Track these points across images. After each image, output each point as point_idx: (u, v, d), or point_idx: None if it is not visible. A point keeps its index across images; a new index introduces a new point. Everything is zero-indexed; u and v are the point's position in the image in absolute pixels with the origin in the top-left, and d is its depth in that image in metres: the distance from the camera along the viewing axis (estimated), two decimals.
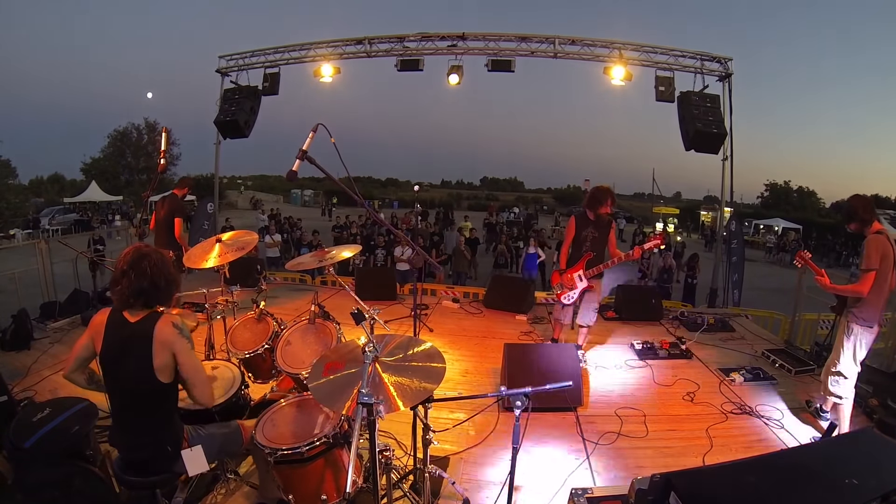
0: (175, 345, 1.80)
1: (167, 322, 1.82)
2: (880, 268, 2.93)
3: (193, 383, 1.88)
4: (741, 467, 1.57)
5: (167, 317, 1.84)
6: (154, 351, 1.77)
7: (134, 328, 1.80)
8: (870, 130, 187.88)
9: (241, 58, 8.59)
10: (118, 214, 25.30)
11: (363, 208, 2.41)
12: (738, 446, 3.15)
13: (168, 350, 1.79)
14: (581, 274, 4.19)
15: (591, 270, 4.16)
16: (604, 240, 4.21)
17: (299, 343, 2.80)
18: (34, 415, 2.41)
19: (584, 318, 4.35)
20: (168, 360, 1.80)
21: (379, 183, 64.11)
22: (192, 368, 1.87)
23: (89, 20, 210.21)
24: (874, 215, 3.06)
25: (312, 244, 10.52)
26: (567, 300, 4.28)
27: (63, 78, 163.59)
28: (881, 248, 2.94)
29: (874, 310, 3.03)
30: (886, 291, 3.03)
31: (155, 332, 1.78)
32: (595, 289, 4.26)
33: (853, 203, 3.13)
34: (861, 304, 3.03)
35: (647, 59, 7.51)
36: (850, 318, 3.08)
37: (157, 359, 1.78)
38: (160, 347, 1.78)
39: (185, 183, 5.65)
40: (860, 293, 2.98)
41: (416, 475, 2.43)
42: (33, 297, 5.37)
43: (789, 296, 6.38)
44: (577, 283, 4.21)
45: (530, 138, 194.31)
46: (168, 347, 1.79)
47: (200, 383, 1.90)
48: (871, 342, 3.10)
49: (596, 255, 4.17)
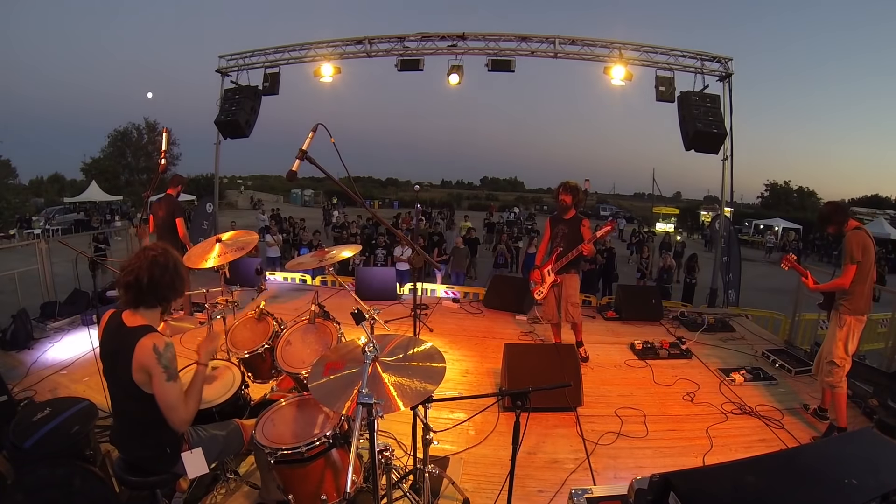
0: (150, 370, 1.74)
1: (148, 345, 1.74)
2: (862, 260, 3.13)
3: (165, 409, 1.79)
4: (741, 467, 1.57)
5: (151, 337, 1.76)
6: (132, 367, 1.73)
7: (124, 335, 1.77)
8: (870, 130, 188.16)
9: (241, 58, 8.58)
10: (117, 215, 25.26)
11: (363, 208, 2.41)
12: (738, 446, 3.16)
13: (144, 372, 1.74)
14: (550, 268, 4.38)
15: (556, 264, 4.33)
16: (575, 236, 4.29)
17: (299, 343, 2.79)
18: (34, 415, 2.42)
19: (565, 315, 4.43)
20: (145, 380, 1.75)
21: (379, 183, 64.18)
22: (161, 398, 1.77)
23: (90, 20, 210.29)
24: (848, 215, 3.32)
25: (312, 244, 10.52)
26: (538, 296, 4.50)
27: (63, 78, 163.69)
28: (861, 242, 3.14)
29: (862, 300, 3.21)
30: (870, 281, 3.24)
31: (135, 350, 1.73)
32: (565, 282, 4.37)
33: (825, 209, 3.43)
34: (849, 296, 3.21)
35: (647, 59, 7.50)
36: (842, 310, 3.25)
37: (136, 375, 1.74)
38: (137, 366, 1.73)
39: (177, 181, 5.45)
40: (843, 286, 3.19)
41: (416, 475, 2.43)
42: (33, 297, 5.37)
43: (789, 296, 6.38)
44: (546, 277, 4.40)
45: (530, 138, 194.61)
46: (144, 370, 1.74)
47: (171, 413, 1.79)
48: (861, 331, 3.27)
49: (564, 250, 4.31)
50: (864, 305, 3.21)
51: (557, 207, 4.51)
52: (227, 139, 8.52)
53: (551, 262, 4.38)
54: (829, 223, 3.34)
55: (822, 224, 3.42)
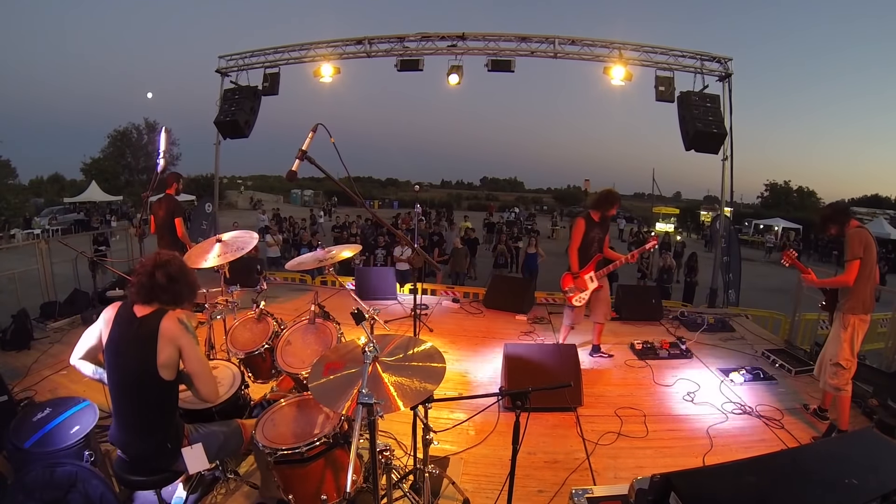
0: (181, 339, 1.83)
1: (173, 318, 1.84)
2: (864, 257, 3.07)
3: (199, 377, 1.91)
4: (741, 467, 1.57)
5: (173, 313, 1.87)
6: (159, 346, 1.79)
7: (141, 322, 1.83)
8: (871, 130, 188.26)
9: (241, 58, 8.58)
10: (114, 215, 25.25)
11: (363, 208, 2.41)
12: (738, 446, 3.15)
13: (173, 345, 1.82)
14: (592, 275, 4.30)
15: (602, 271, 4.30)
16: (604, 240, 4.38)
17: (299, 343, 2.79)
18: (34, 415, 2.42)
19: (601, 317, 4.46)
20: (173, 356, 1.82)
21: (379, 183, 64.18)
22: (199, 362, 1.90)
23: (89, 20, 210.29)
24: (849, 216, 3.26)
25: (312, 245, 10.53)
26: (578, 302, 4.33)
27: (63, 78, 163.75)
28: (863, 239, 3.10)
29: (866, 300, 3.15)
30: (873, 280, 3.18)
31: (161, 328, 1.80)
32: (604, 287, 4.40)
33: (826, 211, 3.39)
34: (853, 295, 3.14)
35: (646, 59, 7.50)
36: (845, 311, 3.18)
37: (162, 354, 1.79)
38: (165, 342, 1.80)
39: (173, 179, 5.35)
40: (847, 283, 3.11)
41: (416, 475, 2.42)
42: (33, 297, 5.37)
43: (789, 296, 6.39)
44: (589, 284, 4.30)
45: (530, 138, 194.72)
46: (174, 342, 1.82)
47: (206, 378, 1.93)
48: (865, 332, 3.22)
49: (603, 257, 4.31)
50: (867, 305, 3.15)
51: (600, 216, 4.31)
52: (226, 139, 8.52)
53: (592, 268, 4.28)
54: (832, 224, 3.28)
55: (824, 225, 3.33)
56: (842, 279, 3.14)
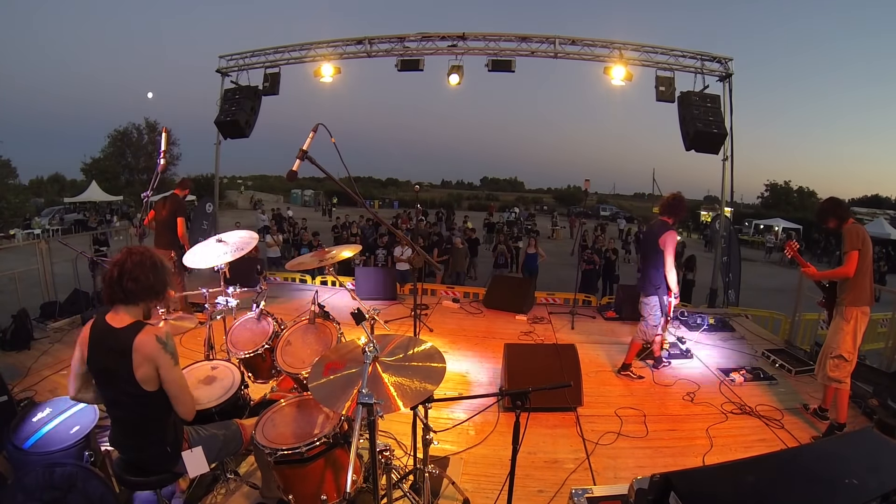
0: (158, 359, 1.75)
1: (150, 334, 1.76)
2: (863, 249, 3.15)
3: (175, 399, 1.84)
4: (741, 467, 1.57)
5: (150, 329, 1.78)
6: (134, 363, 1.72)
7: (116, 336, 1.76)
8: (871, 130, 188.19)
9: (242, 58, 8.57)
10: (115, 215, 25.23)
11: (363, 208, 2.41)
12: (738, 446, 3.16)
13: (150, 363, 1.75)
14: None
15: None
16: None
17: (299, 343, 2.79)
18: (34, 415, 2.42)
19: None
20: (150, 373, 1.76)
21: (379, 183, 64.10)
22: (174, 384, 1.82)
23: (90, 21, 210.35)
24: (849, 213, 3.35)
25: (312, 244, 10.51)
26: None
27: (63, 78, 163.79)
28: (861, 234, 3.19)
29: (865, 292, 3.21)
30: (870, 277, 3.25)
31: (135, 344, 1.72)
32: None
33: (826, 203, 3.45)
34: (853, 287, 3.19)
35: (647, 59, 7.50)
36: (847, 303, 3.23)
37: (139, 371, 1.73)
38: (141, 359, 1.73)
39: (187, 184, 5.79)
40: (847, 274, 3.17)
41: (416, 475, 2.43)
42: (33, 297, 5.37)
43: (789, 296, 6.38)
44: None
45: (530, 138, 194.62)
46: (150, 361, 1.74)
47: (182, 399, 1.85)
48: (866, 325, 3.26)
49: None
50: (867, 297, 3.21)
51: (674, 221, 4.00)
52: (227, 139, 8.52)
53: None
54: (830, 216, 3.32)
55: (823, 217, 3.37)
56: (842, 271, 3.19)
